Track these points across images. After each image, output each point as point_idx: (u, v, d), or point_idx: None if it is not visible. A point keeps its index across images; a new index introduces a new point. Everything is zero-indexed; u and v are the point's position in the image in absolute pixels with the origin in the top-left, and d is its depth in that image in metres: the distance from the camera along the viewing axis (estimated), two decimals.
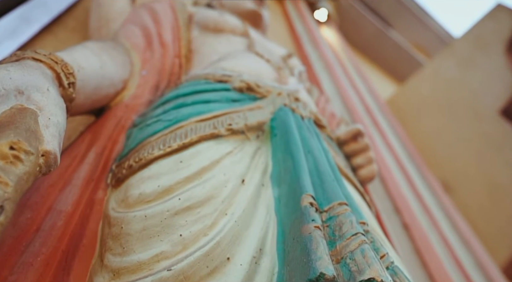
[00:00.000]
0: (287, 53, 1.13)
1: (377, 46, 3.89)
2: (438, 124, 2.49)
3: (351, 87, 2.21)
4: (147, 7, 0.99)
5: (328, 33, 2.93)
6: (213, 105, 0.65)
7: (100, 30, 0.95)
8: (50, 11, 1.06)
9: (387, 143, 1.86)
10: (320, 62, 2.26)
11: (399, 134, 2.11)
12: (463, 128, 2.29)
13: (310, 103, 0.88)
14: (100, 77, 0.64)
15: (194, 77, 0.77)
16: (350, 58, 2.77)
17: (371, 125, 1.93)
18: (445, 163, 2.38)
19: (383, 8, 3.94)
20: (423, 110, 2.64)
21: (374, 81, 3.30)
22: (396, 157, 1.78)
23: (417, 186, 1.67)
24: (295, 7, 2.87)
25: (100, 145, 0.62)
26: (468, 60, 2.33)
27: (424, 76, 2.67)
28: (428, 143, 2.49)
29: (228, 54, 0.89)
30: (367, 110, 2.05)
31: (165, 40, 0.89)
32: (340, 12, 3.40)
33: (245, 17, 1.25)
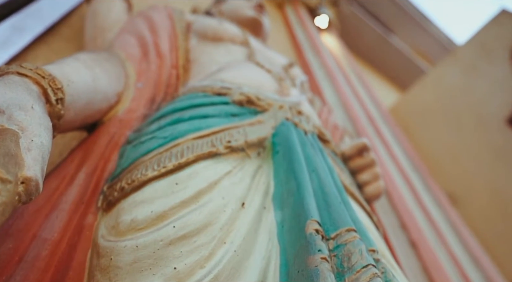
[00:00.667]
0: (289, 62, 1.10)
1: (379, 53, 3.88)
2: (443, 133, 2.46)
3: (353, 96, 2.18)
4: (144, 15, 0.96)
5: (329, 40, 2.92)
6: (211, 121, 0.62)
7: (95, 40, 0.92)
8: (44, 20, 1.03)
9: (391, 155, 1.82)
10: (321, 70, 2.24)
11: (403, 145, 2.07)
12: (469, 137, 2.25)
13: (313, 115, 0.86)
14: (92, 91, 0.61)
15: (192, 90, 0.74)
16: (351, 66, 2.75)
17: (375, 136, 1.90)
18: (450, 174, 2.34)
19: (384, 14, 3.94)
20: (427, 118, 2.61)
21: (376, 88, 3.28)
22: (401, 169, 1.74)
23: (423, 199, 1.63)
24: (295, 13, 2.86)
25: (91, 164, 0.59)
26: (472, 67, 2.31)
27: (427, 84, 2.65)
28: (432, 153, 2.46)
29: (227, 64, 0.86)
30: (370, 120, 2.02)
31: (161, 50, 0.86)
32: (341, 19, 3.39)
33: (245, 24, 1.23)
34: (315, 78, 2.14)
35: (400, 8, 3.89)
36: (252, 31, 1.25)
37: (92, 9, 0.99)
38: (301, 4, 2.96)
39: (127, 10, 1.04)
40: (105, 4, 0.98)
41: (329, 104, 1.85)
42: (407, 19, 4.01)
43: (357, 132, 1.82)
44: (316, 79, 2.13)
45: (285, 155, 0.60)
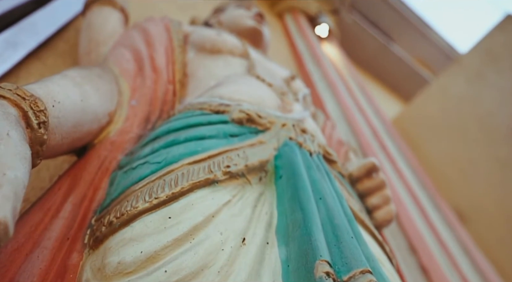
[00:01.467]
0: (290, 74, 1.06)
1: (379, 62, 3.86)
2: (449, 145, 2.40)
3: (356, 109, 2.14)
4: (140, 28, 0.93)
5: (330, 49, 2.89)
6: (208, 142, 0.58)
7: (89, 54, 0.89)
8: (38, 35, 1.00)
9: (397, 171, 1.78)
10: (323, 81, 2.21)
11: (409, 160, 2.03)
12: (476, 150, 2.20)
13: (317, 133, 0.81)
14: (81, 112, 0.57)
15: (188, 107, 0.70)
16: (353, 76, 2.72)
17: (380, 151, 1.85)
18: (457, 189, 2.27)
19: (384, 21, 3.92)
20: (431, 130, 2.56)
21: (377, 98, 3.24)
22: (408, 187, 1.69)
23: (433, 220, 1.58)
24: (295, 22, 2.83)
25: (79, 193, 0.55)
26: (478, 76, 2.26)
27: (432, 94, 2.60)
28: (438, 167, 2.40)
29: (226, 79, 0.82)
30: (375, 134, 1.97)
31: (157, 65, 0.83)
32: (341, 27, 3.38)
33: (244, 35, 1.19)
34: (317, 89, 2.10)
35: (400, 15, 3.88)
36: (252, 42, 1.21)
37: (87, 22, 0.95)
38: (301, 12, 2.94)
39: (123, 22, 1.01)
40: (100, 17, 0.95)
41: (332, 117, 1.81)
42: (407, 26, 4.00)
43: (361, 147, 1.78)
44: (318, 91, 2.09)
45: (289, 181, 0.55)
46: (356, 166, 0.79)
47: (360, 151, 1.77)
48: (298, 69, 2.39)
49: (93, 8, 0.97)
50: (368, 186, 0.77)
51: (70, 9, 1.12)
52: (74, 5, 1.14)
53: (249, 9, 1.30)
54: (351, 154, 1.20)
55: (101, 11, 0.96)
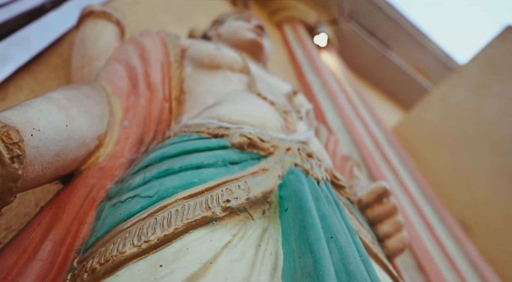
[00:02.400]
0: (292, 89, 1.00)
1: (378, 70, 3.82)
2: (450, 155, 2.34)
3: (357, 119, 2.09)
4: (135, 42, 0.87)
5: (329, 59, 2.85)
6: (205, 172, 0.51)
7: (81, 70, 0.83)
8: (30, 48, 0.94)
9: (400, 182, 1.72)
10: (323, 91, 2.15)
11: (412, 171, 1.97)
12: (479, 160, 2.14)
13: (323, 155, 0.75)
14: (66, 138, 0.51)
15: (185, 130, 0.63)
16: (352, 85, 2.67)
17: (382, 162, 1.79)
18: (461, 200, 2.21)
19: (381, 31, 3.89)
20: (432, 139, 2.50)
21: (376, 105, 3.19)
22: (411, 199, 1.63)
23: (439, 234, 1.51)
24: (294, 32, 2.79)
25: (61, 229, 0.48)
26: (480, 86, 2.21)
27: (432, 103, 2.55)
28: (439, 176, 2.33)
29: (225, 96, 0.76)
30: (376, 145, 1.91)
31: (152, 81, 0.76)
32: (340, 37, 3.33)
33: (244, 47, 1.14)
34: (317, 100, 2.05)
35: (397, 24, 3.85)
36: (252, 54, 1.16)
37: (80, 36, 0.89)
38: (300, 22, 2.90)
39: (119, 36, 0.95)
40: (94, 31, 0.89)
41: (333, 129, 1.75)
42: (404, 35, 3.96)
43: (363, 159, 1.72)
44: (318, 101, 2.04)
45: (296, 215, 0.49)
46: (366, 191, 0.72)
47: (362, 164, 1.71)
48: (298, 79, 2.33)
49: (87, 21, 0.91)
50: (379, 213, 0.70)
51: (65, 22, 1.07)
52: (68, 18, 1.08)
53: (248, 21, 1.24)
54: (356, 170, 1.14)
55: (96, 25, 0.90)
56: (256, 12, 2.75)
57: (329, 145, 1.12)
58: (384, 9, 3.63)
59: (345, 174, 1.06)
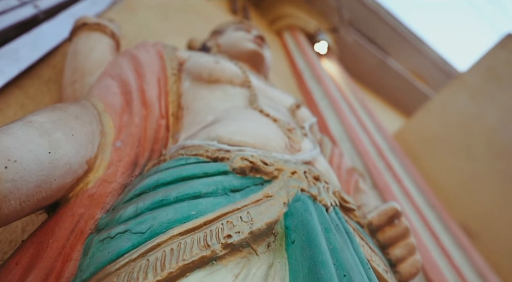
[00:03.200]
0: (295, 102, 0.95)
1: (377, 77, 3.78)
2: (452, 162, 2.29)
3: (359, 127, 2.04)
4: (130, 55, 0.82)
5: (329, 66, 2.80)
6: (204, 203, 0.46)
7: (73, 85, 0.78)
8: (20, 61, 0.89)
9: (404, 191, 1.66)
10: (325, 99, 2.10)
11: (415, 179, 1.91)
12: (482, 166, 2.09)
13: (330, 175, 0.70)
14: (49, 167, 0.45)
15: (181, 153, 0.58)
16: (354, 92, 2.62)
17: (386, 171, 1.74)
18: (464, 206, 2.16)
19: (380, 37, 3.85)
20: (433, 146, 2.45)
21: (378, 112, 3.14)
22: (417, 209, 1.58)
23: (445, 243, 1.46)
24: (294, 40, 2.75)
25: (43, 268, 0.43)
26: (481, 93, 2.17)
27: (433, 109, 2.50)
28: (441, 183, 2.28)
29: (225, 113, 0.71)
30: (380, 153, 1.86)
31: (148, 97, 0.71)
32: (340, 44, 3.30)
33: (245, 58, 1.09)
34: (319, 108, 2.00)
35: (395, 31, 3.81)
36: (252, 65, 1.11)
37: (73, 49, 0.84)
38: (300, 30, 2.86)
39: (113, 48, 0.90)
40: (87, 44, 0.84)
41: (337, 142, 1.69)
42: (403, 42, 3.93)
43: (366, 168, 1.67)
44: (320, 110, 1.99)
45: (304, 250, 0.43)
46: (376, 214, 0.66)
47: (366, 173, 1.65)
48: (299, 88, 2.29)
49: (80, 34, 0.86)
50: (390, 236, 0.65)
51: (58, 34, 1.02)
52: (62, 29, 1.03)
53: (249, 31, 1.20)
54: (361, 183, 1.09)
55: (89, 37, 0.85)
56: (256, 21, 2.71)
57: (334, 158, 1.06)
58: (382, 16, 3.60)
59: (351, 188, 1.02)
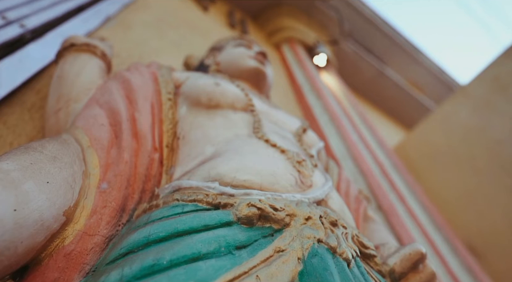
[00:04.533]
0: (301, 126, 0.87)
1: (376, 88, 3.72)
2: (457, 177, 2.21)
3: (361, 143, 1.95)
4: (121, 78, 0.73)
5: (328, 79, 2.73)
6: (204, 268, 0.37)
7: (57, 113, 0.69)
8: (1, 86, 0.80)
9: (410, 213, 1.57)
10: (325, 115, 2.02)
11: (420, 198, 1.82)
12: (487, 181, 2.01)
13: (345, 214, 0.61)
14: (12, 229, 0.36)
15: (177, 197, 0.49)
16: (354, 106, 2.55)
17: (391, 191, 1.65)
18: (469, 223, 2.07)
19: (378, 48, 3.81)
20: (436, 159, 2.37)
21: (377, 124, 3.07)
22: (424, 233, 1.49)
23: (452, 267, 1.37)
24: (293, 52, 2.68)
25: None
26: (486, 104, 2.10)
27: (435, 122, 2.43)
28: (444, 197, 2.20)
29: (227, 145, 0.62)
30: (383, 172, 1.78)
31: (140, 128, 0.63)
32: (338, 55, 3.24)
33: (246, 77, 1.02)
34: (319, 124, 1.92)
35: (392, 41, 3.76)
36: (254, 84, 1.03)
37: (58, 72, 0.76)
38: (298, 42, 2.80)
39: (104, 71, 0.82)
40: (74, 66, 0.75)
41: (340, 162, 1.61)
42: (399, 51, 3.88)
43: (370, 187, 1.58)
44: (320, 126, 1.91)
45: None
46: (399, 259, 0.57)
47: (370, 193, 1.57)
48: (298, 103, 2.21)
49: (67, 55, 0.78)
50: None
51: (45, 55, 0.94)
52: (50, 49, 0.95)
53: (249, 47, 1.12)
54: (370, 211, 1.01)
55: (76, 59, 0.77)
56: (254, 33, 2.65)
57: (341, 184, 0.98)
58: (380, 27, 3.55)
59: (360, 218, 0.94)
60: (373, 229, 0.92)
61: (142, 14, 1.56)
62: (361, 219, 0.94)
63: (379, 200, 1.55)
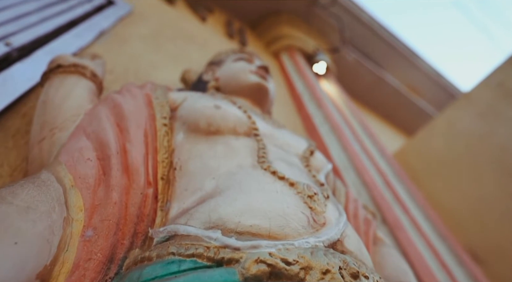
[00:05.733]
0: (308, 147, 0.79)
1: (375, 94, 3.66)
2: (459, 183, 2.14)
3: (363, 152, 1.88)
4: (111, 103, 0.66)
5: (328, 87, 2.66)
6: None
7: (40, 143, 0.61)
8: None
9: (415, 225, 1.50)
10: (326, 125, 1.95)
11: (424, 209, 1.75)
12: (491, 188, 1.94)
13: (363, 254, 0.53)
14: None
15: (173, 251, 0.41)
16: (354, 113, 2.48)
17: (395, 203, 1.58)
18: (471, 230, 2.00)
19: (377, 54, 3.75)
20: (438, 167, 2.30)
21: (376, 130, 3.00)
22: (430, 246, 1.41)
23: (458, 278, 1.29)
24: (292, 61, 2.61)
25: None
26: (490, 110, 2.03)
27: (437, 129, 2.36)
28: (446, 205, 2.13)
29: (229, 179, 0.55)
30: (386, 182, 1.70)
31: (132, 162, 0.55)
32: (338, 62, 3.18)
33: (247, 93, 0.95)
34: (320, 134, 1.84)
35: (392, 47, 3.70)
36: (255, 101, 0.96)
37: (43, 97, 0.68)
38: (298, 51, 2.72)
39: (93, 93, 0.74)
40: (60, 90, 0.68)
41: (342, 173, 1.53)
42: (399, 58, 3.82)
43: (373, 201, 1.50)
44: (321, 136, 1.83)
45: None
46: None
47: (373, 206, 1.49)
48: (298, 112, 2.14)
49: (53, 78, 0.70)
50: None
51: (32, 75, 0.86)
52: (37, 70, 0.87)
53: (250, 61, 1.05)
54: (379, 232, 0.95)
55: (63, 82, 0.69)
56: (252, 43, 2.58)
57: (349, 206, 0.90)
58: (378, 33, 3.49)
59: (370, 241, 0.87)
60: (384, 253, 0.85)
61: (138, 27, 1.49)
62: (371, 242, 0.88)
63: (383, 212, 1.48)
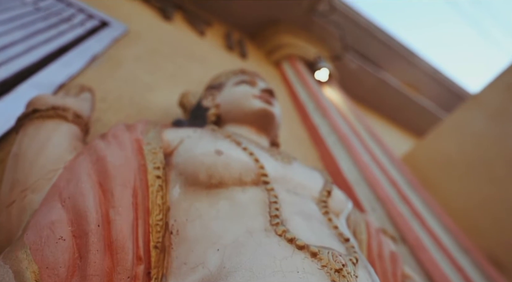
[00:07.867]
0: (324, 187, 0.67)
1: (378, 96, 3.53)
2: (472, 185, 2.01)
3: (373, 163, 1.75)
4: (95, 155, 0.54)
5: (332, 94, 2.53)
6: None
7: (9, 208, 0.49)
8: None
9: (437, 242, 1.37)
10: (333, 135, 1.82)
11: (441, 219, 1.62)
12: (505, 189, 1.81)
13: None
14: None
15: None
16: (360, 120, 2.34)
17: (413, 220, 1.45)
18: (490, 235, 1.87)
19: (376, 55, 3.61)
20: (450, 170, 2.17)
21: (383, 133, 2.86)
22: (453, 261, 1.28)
23: None
24: (294, 70, 2.48)
25: None
26: (500, 112, 1.90)
27: (446, 131, 2.23)
28: (460, 207, 2.00)
29: (237, 254, 0.42)
30: (401, 195, 1.57)
31: (116, 237, 0.43)
32: (339, 68, 3.04)
33: (251, 121, 0.83)
34: (327, 146, 1.71)
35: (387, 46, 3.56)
36: (260, 128, 0.84)
37: (15, 149, 0.56)
38: (299, 59, 2.59)
39: (77, 138, 0.62)
40: (35, 141, 0.56)
41: (354, 189, 1.40)
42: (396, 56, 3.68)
43: (391, 219, 1.37)
44: (329, 147, 1.70)
45: None
46: None
47: (391, 224, 1.36)
48: (303, 123, 2.01)
49: (28, 126, 0.58)
50: None
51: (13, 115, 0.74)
52: (19, 108, 0.76)
53: (253, 83, 0.93)
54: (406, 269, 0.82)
55: (39, 131, 0.57)
56: (252, 53, 2.46)
57: (372, 243, 0.77)
58: (376, 35, 3.36)
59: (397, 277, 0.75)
60: None
61: (133, 47, 1.37)
62: None
63: (401, 230, 1.35)
